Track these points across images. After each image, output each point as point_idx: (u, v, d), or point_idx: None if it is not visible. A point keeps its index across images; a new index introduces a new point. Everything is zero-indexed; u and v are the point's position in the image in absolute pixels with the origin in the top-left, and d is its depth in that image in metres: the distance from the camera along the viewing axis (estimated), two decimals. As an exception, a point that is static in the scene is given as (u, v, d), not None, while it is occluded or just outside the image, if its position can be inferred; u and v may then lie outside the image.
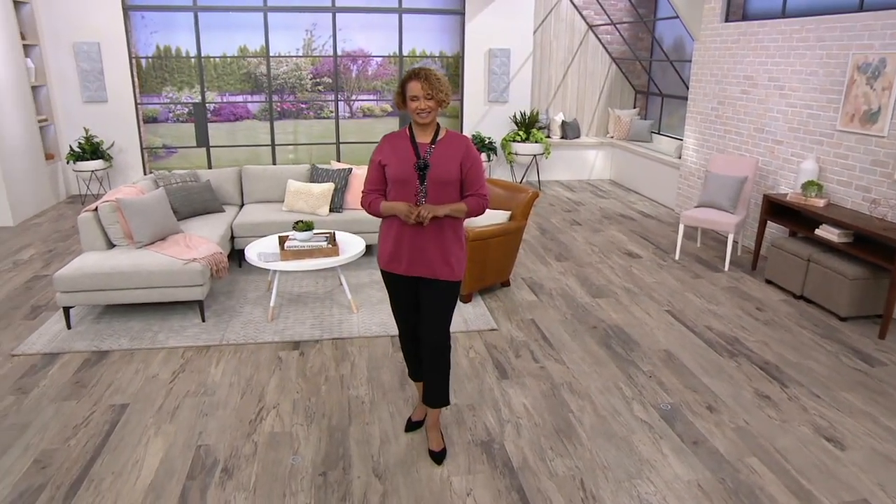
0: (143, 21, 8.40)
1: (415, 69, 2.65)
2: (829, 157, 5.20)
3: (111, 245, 4.72)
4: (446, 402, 3.00)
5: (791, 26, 5.59)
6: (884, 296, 4.47)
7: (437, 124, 2.78)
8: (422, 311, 2.87)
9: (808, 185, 5.09)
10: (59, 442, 3.10)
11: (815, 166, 5.22)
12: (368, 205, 2.82)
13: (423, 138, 2.75)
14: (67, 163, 7.90)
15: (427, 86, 2.61)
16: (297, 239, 4.55)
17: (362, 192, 2.85)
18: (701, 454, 3.06)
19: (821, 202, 5.00)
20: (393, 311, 3.01)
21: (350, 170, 5.79)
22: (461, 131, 9.36)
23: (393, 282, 2.90)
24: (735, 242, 6.32)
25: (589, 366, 3.90)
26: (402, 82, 2.68)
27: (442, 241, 2.77)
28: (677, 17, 7.33)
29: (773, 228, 5.85)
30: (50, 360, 3.92)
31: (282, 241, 4.62)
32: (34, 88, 7.69)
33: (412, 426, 3.22)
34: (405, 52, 9.05)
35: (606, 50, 9.85)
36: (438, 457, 2.98)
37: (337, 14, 8.69)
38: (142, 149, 8.51)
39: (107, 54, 8.04)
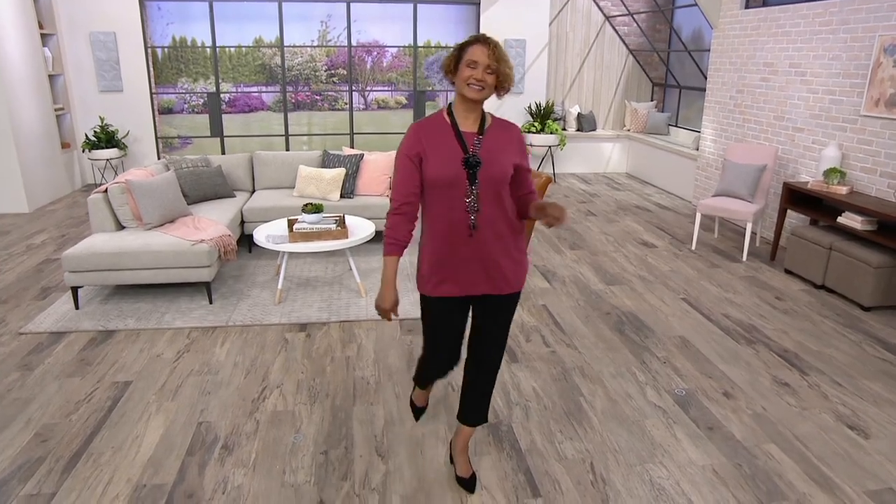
0: (159, 12, 8.44)
1: (480, 34, 2.20)
2: (853, 143, 5.04)
3: (121, 227, 4.70)
4: (486, 419, 2.64)
5: (814, 10, 5.44)
6: (909, 285, 4.31)
7: (482, 108, 2.29)
8: (483, 332, 2.44)
9: (830, 173, 4.93)
10: (60, 417, 3.07)
11: (838, 153, 5.06)
12: (394, 227, 2.24)
13: (469, 126, 2.25)
14: (83, 151, 7.95)
15: (493, 54, 2.14)
16: (306, 221, 4.50)
17: (392, 203, 2.26)
18: (716, 440, 2.94)
19: (843, 189, 4.84)
20: (433, 342, 2.48)
21: (361, 155, 5.74)
22: (475, 123, 9.26)
23: (445, 309, 2.37)
24: (753, 233, 6.16)
25: (601, 351, 3.80)
26: (461, 45, 2.21)
27: (504, 246, 2.30)
28: (695, 4, 7.18)
29: (792, 218, 5.70)
30: (56, 339, 3.90)
31: (291, 223, 4.57)
32: (51, 77, 7.74)
33: (419, 411, 2.94)
34: (420, 43, 8.99)
35: (623, 42, 9.71)
36: (470, 484, 2.59)
37: (352, 5, 8.65)
38: (156, 138, 8.53)
39: (123, 44, 8.07)
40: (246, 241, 5.62)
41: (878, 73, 4.75)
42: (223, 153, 8.90)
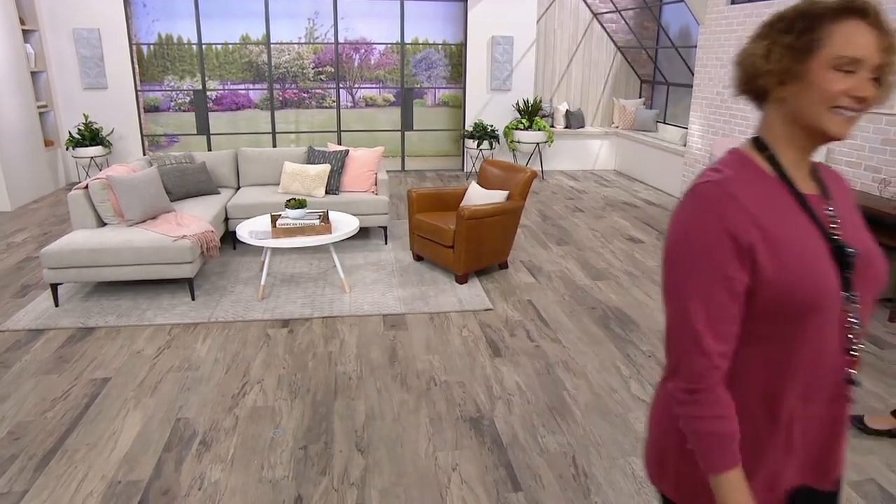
0: (144, 9, 8.36)
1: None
2: (838, 137, 5.05)
3: (102, 223, 4.64)
4: None
5: (799, 5, 5.44)
6: (894, 279, 4.31)
7: None
8: None
9: (815, 167, 4.94)
10: (35, 414, 3.01)
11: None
12: (713, 403, 1.09)
13: (802, 182, 1.17)
14: (67, 149, 7.86)
15: (886, 40, 1.06)
16: (290, 216, 4.46)
17: (692, 357, 1.08)
18: (699, 432, 2.92)
19: (829, 183, 4.84)
20: None
21: (346, 151, 5.70)
22: (464, 121, 9.24)
23: None
24: (741, 229, 6.16)
25: (586, 345, 3.78)
26: (805, 13, 1.09)
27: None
28: (682, 0, 7.18)
29: (779, 213, 5.70)
30: (34, 336, 3.84)
31: (274, 219, 4.53)
32: (33, 74, 7.64)
33: None
34: (407, 41, 8.95)
35: (611, 38, 9.71)
36: None
37: (339, 2, 8.60)
38: (142, 136, 8.45)
39: (107, 41, 7.99)
40: (230, 238, 5.57)
41: (862, 67, 4.75)
42: (210, 151, 8.83)
